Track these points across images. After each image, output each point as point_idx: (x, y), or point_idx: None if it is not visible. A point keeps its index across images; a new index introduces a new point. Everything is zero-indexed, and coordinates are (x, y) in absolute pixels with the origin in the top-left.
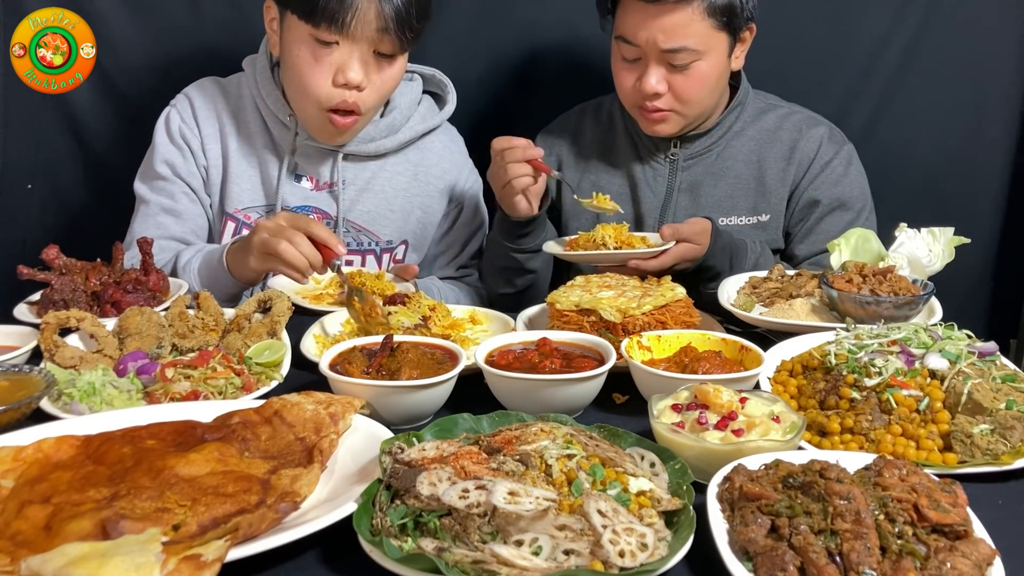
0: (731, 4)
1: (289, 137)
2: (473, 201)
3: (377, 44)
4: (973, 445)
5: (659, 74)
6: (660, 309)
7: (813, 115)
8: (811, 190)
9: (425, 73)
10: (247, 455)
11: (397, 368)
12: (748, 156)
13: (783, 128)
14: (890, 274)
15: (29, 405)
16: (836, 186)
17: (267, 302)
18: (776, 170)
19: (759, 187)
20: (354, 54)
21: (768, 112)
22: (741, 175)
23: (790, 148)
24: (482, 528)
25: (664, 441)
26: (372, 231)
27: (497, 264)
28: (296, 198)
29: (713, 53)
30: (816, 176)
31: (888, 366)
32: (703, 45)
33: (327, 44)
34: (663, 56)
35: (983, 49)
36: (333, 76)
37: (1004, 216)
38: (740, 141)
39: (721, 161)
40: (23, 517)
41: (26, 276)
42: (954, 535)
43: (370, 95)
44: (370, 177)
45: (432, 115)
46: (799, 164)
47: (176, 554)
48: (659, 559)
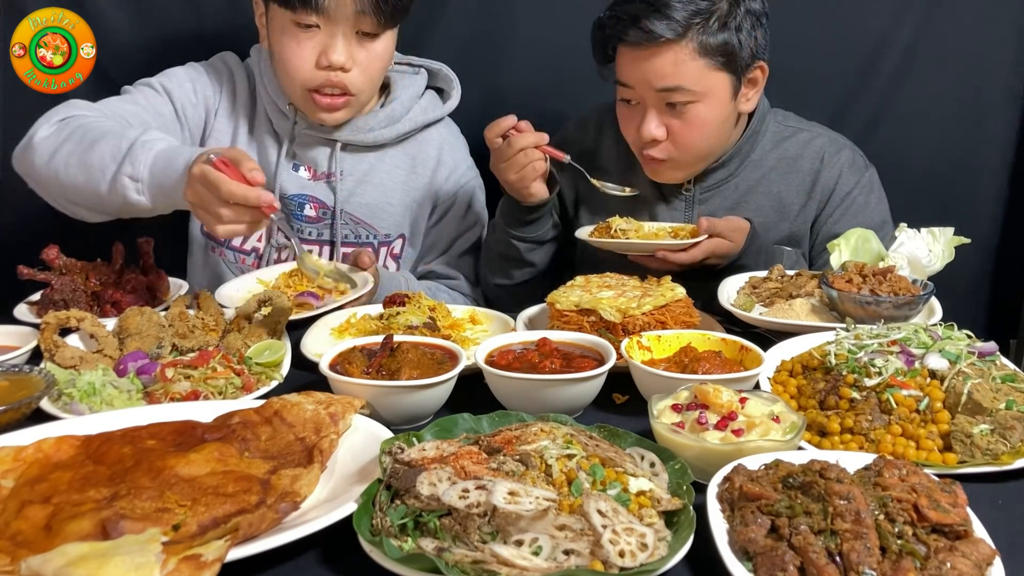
0: (726, 44)
1: (287, 126)
2: (467, 198)
3: (357, 23)
4: (973, 445)
5: (656, 119)
6: (660, 309)
7: (835, 138)
8: (831, 223)
9: (432, 68)
10: (247, 455)
11: (397, 368)
12: (768, 188)
13: (804, 157)
14: (890, 274)
15: (29, 405)
16: (857, 218)
17: (267, 302)
18: (797, 204)
19: (780, 219)
20: (336, 35)
21: (788, 139)
22: (761, 207)
23: (811, 180)
24: (482, 528)
25: (664, 441)
26: (370, 224)
27: (496, 251)
28: (293, 186)
29: (713, 96)
30: (836, 208)
31: (888, 366)
32: (699, 86)
33: (308, 27)
34: (660, 97)
35: (983, 49)
36: (317, 59)
37: (1004, 216)
38: (759, 172)
39: (739, 193)
40: (23, 517)
41: (26, 276)
42: (954, 535)
43: (357, 76)
44: (368, 169)
45: (434, 108)
46: (820, 196)
47: (176, 554)
48: (659, 559)
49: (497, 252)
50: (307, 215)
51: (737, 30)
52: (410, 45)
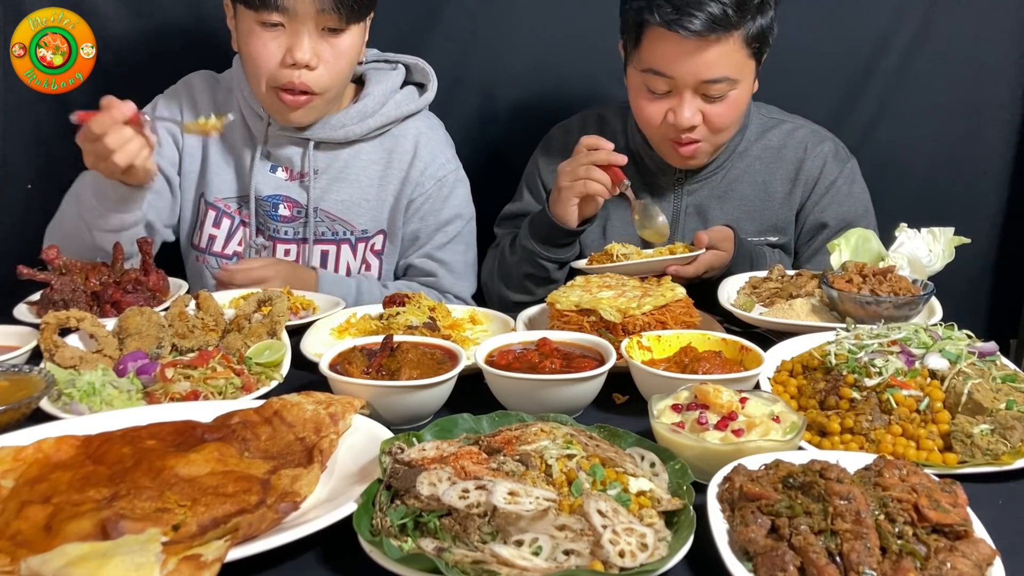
0: (762, 31)
1: (262, 127)
2: (446, 191)
3: (321, 20)
4: (973, 445)
5: (694, 106)
6: (660, 309)
7: (817, 129)
8: (817, 211)
9: (408, 62)
10: (247, 455)
11: (397, 368)
12: (753, 177)
13: (787, 147)
14: (890, 274)
15: (29, 405)
16: (842, 206)
17: (267, 302)
18: (782, 192)
19: (766, 208)
20: (300, 33)
21: (772, 129)
22: (747, 196)
23: (795, 168)
24: (482, 528)
25: (664, 441)
26: (346, 220)
27: (522, 271)
28: (269, 187)
29: (745, 80)
30: (822, 197)
31: (888, 366)
32: (739, 74)
33: (273, 26)
34: (700, 87)
35: (983, 49)
36: (283, 57)
37: (1004, 216)
38: (745, 162)
39: (726, 183)
40: (23, 517)
41: (26, 276)
42: (954, 535)
43: (323, 74)
44: (343, 166)
45: (409, 102)
46: (805, 185)
47: (176, 554)
48: (659, 559)
49: (523, 272)
50: (282, 215)
51: (770, 17)
52: (410, 45)
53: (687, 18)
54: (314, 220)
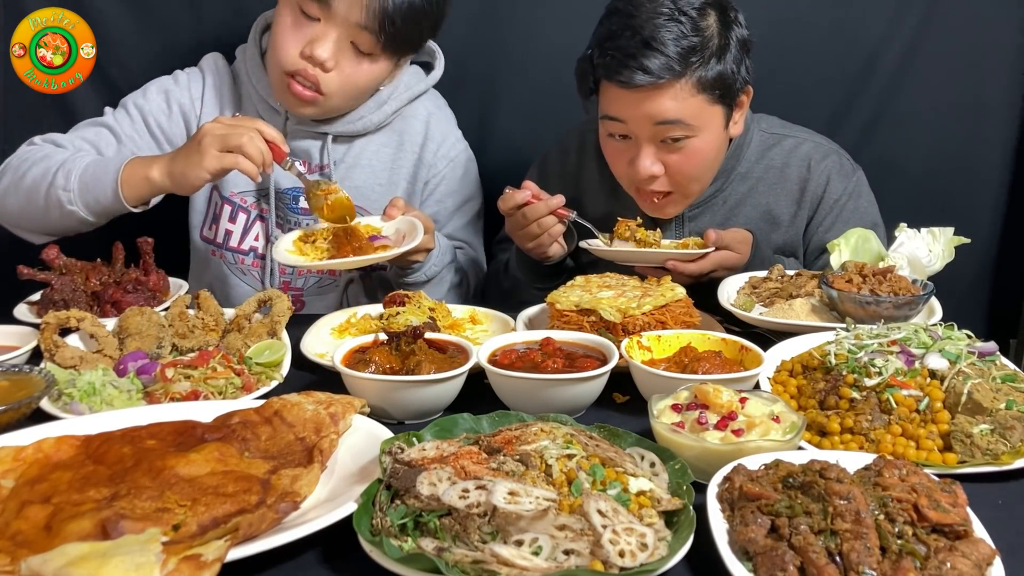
0: (722, 76)
1: (279, 121)
2: (460, 170)
3: (355, 35)
4: (973, 445)
5: (652, 154)
6: (660, 309)
7: (820, 143)
8: (821, 231)
9: None
10: (247, 455)
11: (417, 363)
12: (756, 200)
13: (790, 165)
14: (890, 274)
15: (29, 405)
16: (847, 224)
17: (267, 302)
18: (788, 214)
19: (772, 232)
20: (330, 34)
21: (773, 147)
22: (751, 220)
23: (800, 188)
24: (482, 528)
25: (664, 441)
26: (361, 206)
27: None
28: (288, 181)
29: (708, 129)
30: (827, 215)
31: (888, 366)
32: (697, 120)
33: (310, 18)
34: (656, 132)
35: (983, 50)
36: (303, 47)
37: (1004, 216)
38: (747, 185)
39: (728, 207)
40: (23, 517)
41: (26, 276)
42: (954, 535)
43: (335, 79)
44: (358, 153)
45: (417, 82)
46: (810, 205)
47: (176, 554)
48: (659, 559)
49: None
50: (302, 207)
51: (731, 61)
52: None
53: (627, 71)
54: None
